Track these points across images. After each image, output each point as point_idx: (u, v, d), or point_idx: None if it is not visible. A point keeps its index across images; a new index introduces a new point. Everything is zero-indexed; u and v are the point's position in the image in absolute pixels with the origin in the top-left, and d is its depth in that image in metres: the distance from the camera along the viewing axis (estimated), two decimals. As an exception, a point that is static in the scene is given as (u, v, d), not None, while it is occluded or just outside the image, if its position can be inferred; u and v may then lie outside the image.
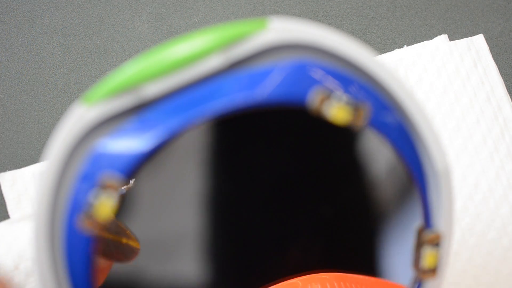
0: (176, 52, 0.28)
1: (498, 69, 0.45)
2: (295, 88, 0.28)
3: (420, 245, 0.30)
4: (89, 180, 0.28)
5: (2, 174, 0.42)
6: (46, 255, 0.28)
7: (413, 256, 0.30)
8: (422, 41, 0.45)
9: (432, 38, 0.45)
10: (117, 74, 0.28)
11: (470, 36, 0.45)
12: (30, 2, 0.46)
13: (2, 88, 0.44)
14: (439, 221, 0.30)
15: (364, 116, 0.28)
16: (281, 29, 0.29)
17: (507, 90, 0.44)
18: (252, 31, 0.28)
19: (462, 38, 0.45)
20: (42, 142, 0.43)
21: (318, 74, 0.28)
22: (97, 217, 0.27)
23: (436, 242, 0.30)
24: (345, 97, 0.28)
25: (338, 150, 0.33)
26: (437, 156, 0.29)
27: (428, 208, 0.30)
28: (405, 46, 0.45)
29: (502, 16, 0.46)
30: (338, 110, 0.28)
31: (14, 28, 0.46)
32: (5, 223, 0.39)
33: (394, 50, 0.45)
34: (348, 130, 0.33)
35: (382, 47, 0.45)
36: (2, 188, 0.41)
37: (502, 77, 0.44)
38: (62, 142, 0.28)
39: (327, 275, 0.28)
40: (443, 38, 0.45)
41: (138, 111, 0.28)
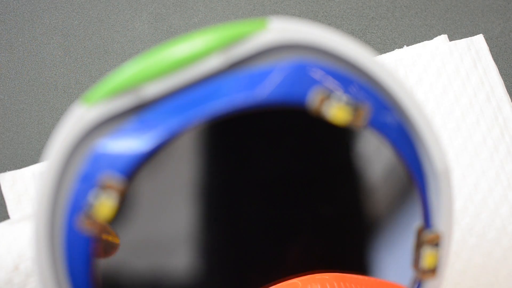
0: (176, 52, 0.28)
1: (498, 69, 0.45)
2: (295, 88, 0.28)
3: (419, 245, 0.30)
4: (89, 180, 0.28)
5: (2, 174, 0.42)
6: (46, 255, 0.28)
7: (412, 256, 0.30)
8: (422, 41, 0.45)
9: (432, 38, 0.45)
10: (117, 74, 0.28)
11: (470, 36, 0.45)
12: (30, 2, 0.46)
13: (2, 88, 0.44)
14: (439, 221, 0.30)
15: (364, 116, 0.28)
16: (281, 29, 0.29)
17: (507, 90, 0.44)
18: (252, 31, 0.28)
19: (462, 38, 0.45)
20: (42, 142, 0.43)
21: (318, 74, 0.28)
22: (97, 217, 0.27)
23: (435, 242, 0.30)
24: (345, 97, 0.28)
25: (338, 150, 0.33)
26: (436, 156, 0.29)
27: (427, 208, 0.30)
28: (405, 46, 0.45)
29: (502, 16, 0.46)
30: (338, 110, 0.28)
31: (14, 28, 0.46)
32: (5, 223, 0.39)
33: (394, 50, 0.45)
34: (347, 130, 0.33)
35: (382, 47, 0.45)
36: (2, 188, 0.41)
37: (502, 77, 0.44)
38: (62, 142, 0.28)
39: (327, 275, 0.28)
40: (443, 38, 0.45)
41: (138, 111, 0.28)
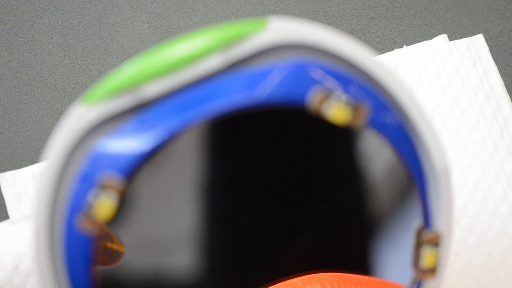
0: (175, 52, 0.28)
1: (498, 69, 0.45)
2: (295, 88, 0.28)
3: (419, 245, 0.30)
4: (88, 180, 0.28)
5: (2, 174, 0.42)
6: (46, 255, 0.28)
7: (412, 256, 0.30)
8: (422, 41, 0.45)
9: (431, 38, 0.45)
10: (116, 74, 0.28)
11: (470, 36, 0.45)
12: (30, 2, 0.46)
13: (2, 88, 0.44)
14: (439, 221, 0.30)
15: (363, 116, 0.28)
16: (280, 29, 0.29)
17: (507, 90, 0.44)
18: (251, 31, 0.28)
19: (461, 38, 0.45)
20: (42, 142, 0.43)
21: (317, 74, 0.28)
22: (96, 217, 0.27)
23: (435, 242, 0.30)
24: (344, 97, 0.28)
25: (337, 150, 0.33)
26: (436, 156, 0.29)
27: (427, 208, 0.30)
28: (404, 46, 0.45)
29: (502, 16, 0.46)
30: (337, 110, 0.28)
31: (14, 28, 0.46)
32: (5, 223, 0.39)
33: (393, 50, 0.45)
34: (347, 130, 0.33)
35: (382, 47, 0.45)
36: (2, 188, 0.41)
37: (502, 77, 0.44)
38: (61, 142, 0.28)
39: (327, 275, 0.28)
40: (443, 38, 0.45)
41: (138, 111, 0.28)
